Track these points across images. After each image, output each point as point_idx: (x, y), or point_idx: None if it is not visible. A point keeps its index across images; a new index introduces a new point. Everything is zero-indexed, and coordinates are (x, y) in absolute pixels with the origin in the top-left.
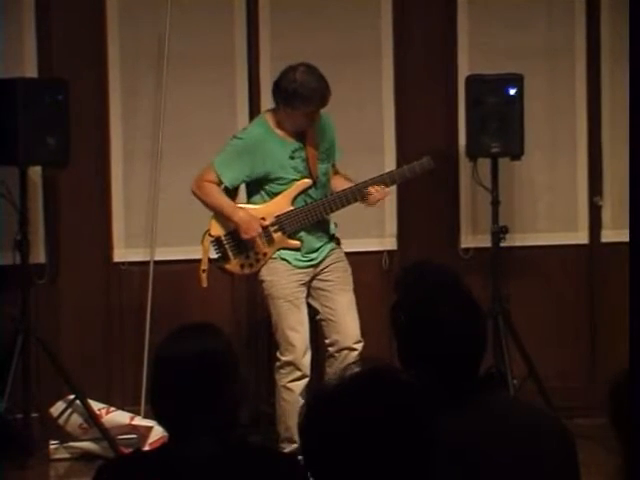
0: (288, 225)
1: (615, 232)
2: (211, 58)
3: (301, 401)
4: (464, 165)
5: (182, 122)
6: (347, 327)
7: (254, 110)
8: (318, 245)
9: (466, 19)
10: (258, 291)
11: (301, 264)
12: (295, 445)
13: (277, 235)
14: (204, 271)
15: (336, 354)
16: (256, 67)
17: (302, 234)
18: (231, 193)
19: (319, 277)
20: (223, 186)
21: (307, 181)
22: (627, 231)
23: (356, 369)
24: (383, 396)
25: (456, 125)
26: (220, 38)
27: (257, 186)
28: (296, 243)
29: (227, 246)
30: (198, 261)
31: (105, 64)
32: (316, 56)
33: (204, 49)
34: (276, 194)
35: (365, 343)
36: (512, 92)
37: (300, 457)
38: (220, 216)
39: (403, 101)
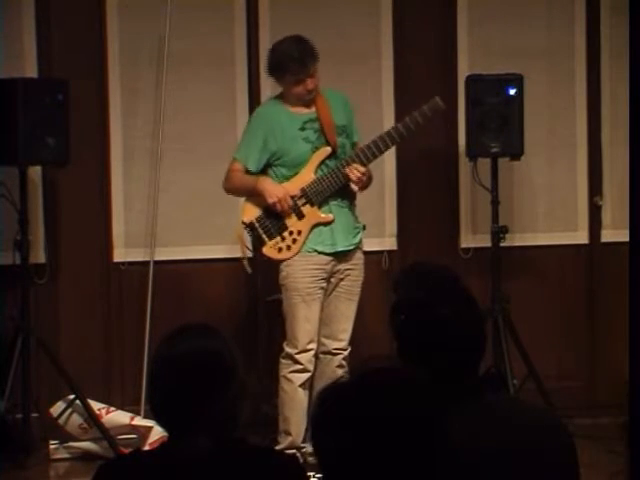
0: (314, 195)
1: (615, 232)
2: (211, 58)
3: (300, 392)
4: (464, 165)
5: (182, 122)
6: (337, 334)
7: (254, 110)
8: (345, 227)
9: (466, 19)
10: (258, 290)
11: (327, 250)
12: (291, 438)
13: (306, 208)
14: (244, 259)
15: (321, 355)
16: (256, 67)
17: (332, 210)
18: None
19: (332, 279)
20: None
21: (327, 149)
22: (627, 231)
23: (346, 375)
24: (393, 394)
25: (456, 125)
26: (220, 38)
27: (277, 172)
28: (329, 217)
29: (260, 230)
30: (198, 261)
31: (105, 64)
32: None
33: (204, 49)
34: (294, 177)
35: (365, 343)
36: (512, 92)
37: (294, 451)
38: (248, 195)
39: (403, 101)
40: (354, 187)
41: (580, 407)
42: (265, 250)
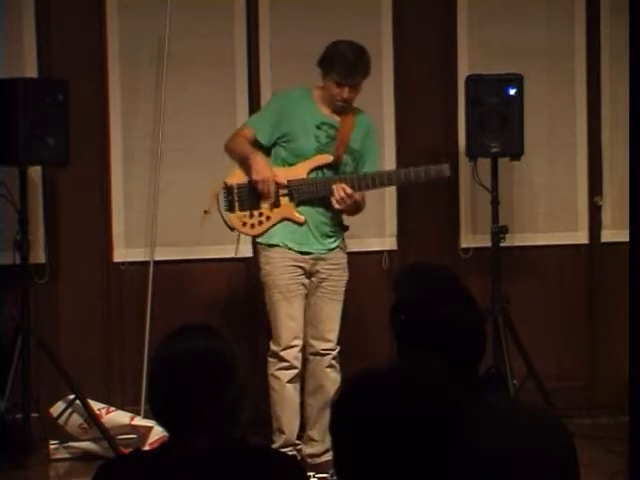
0: (296, 192)
1: (615, 232)
2: (211, 58)
3: (289, 389)
4: (464, 165)
5: (182, 122)
6: (324, 335)
7: (254, 110)
8: (320, 233)
9: (466, 19)
10: (258, 289)
11: (296, 248)
12: (285, 436)
13: (284, 200)
14: (205, 212)
15: (310, 356)
16: (256, 67)
17: (309, 213)
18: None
19: (313, 279)
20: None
21: (328, 157)
22: (627, 231)
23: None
24: (409, 393)
25: (456, 125)
26: (220, 38)
27: (277, 153)
28: (300, 217)
29: (236, 197)
30: (198, 261)
31: (105, 64)
32: (316, 56)
33: (204, 49)
34: (290, 166)
35: (365, 343)
36: (512, 92)
37: (292, 449)
38: (239, 161)
39: (403, 101)
40: (335, 205)
41: (580, 407)
42: (232, 217)
